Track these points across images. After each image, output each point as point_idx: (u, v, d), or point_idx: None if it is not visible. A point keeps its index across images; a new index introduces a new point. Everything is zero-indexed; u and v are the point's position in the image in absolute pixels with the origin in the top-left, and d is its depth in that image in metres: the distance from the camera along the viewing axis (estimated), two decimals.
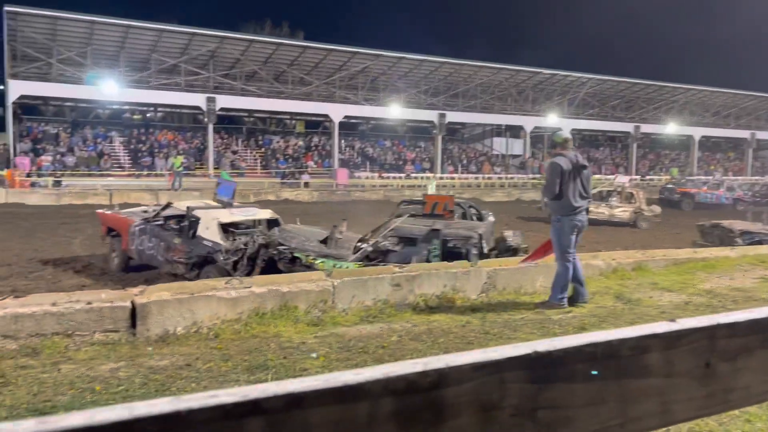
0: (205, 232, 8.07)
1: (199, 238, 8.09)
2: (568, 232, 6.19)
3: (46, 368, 4.23)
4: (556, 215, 6.30)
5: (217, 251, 7.73)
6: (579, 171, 6.17)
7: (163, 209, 9.41)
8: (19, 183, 24.06)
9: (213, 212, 8.42)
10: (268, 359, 4.45)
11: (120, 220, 9.89)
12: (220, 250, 7.73)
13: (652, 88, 44.72)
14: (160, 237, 8.66)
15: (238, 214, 8.74)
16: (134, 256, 9.23)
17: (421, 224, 8.62)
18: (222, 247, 7.74)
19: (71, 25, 28.63)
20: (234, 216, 8.60)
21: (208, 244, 7.94)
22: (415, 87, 39.51)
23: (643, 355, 0.86)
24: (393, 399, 0.68)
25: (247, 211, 8.97)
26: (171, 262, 8.27)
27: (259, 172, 34.30)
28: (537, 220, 19.40)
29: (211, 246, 7.86)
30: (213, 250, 7.79)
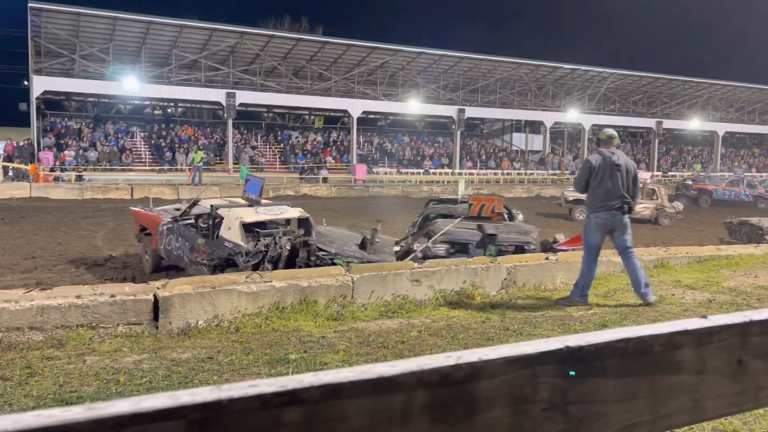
0: (227, 233, 7.66)
1: (221, 238, 7.71)
2: (593, 230, 6.21)
3: (72, 359, 4.31)
4: (587, 210, 6.48)
5: (238, 253, 7.34)
6: (611, 169, 6.08)
7: (190, 207, 9.05)
8: (43, 178, 24.43)
9: (237, 211, 7.99)
10: (288, 353, 4.48)
11: (151, 219, 9.53)
12: (240, 252, 7.32)
13: (675, 83, 44.10)
14: (186, 237, 8.32)
15: (265, 213, 8.23)
16: (163, 255, 8.89)
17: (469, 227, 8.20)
18: (243, 249, 7.33)
19: (94, 21, 28.95)
20: (259, 215, 8.12)
21: (228, 245, 7.54)
22: (434, 82, 39.39)
23: (675, 352, 0.86)
24: (427, 391, 0.69)
25: (275, 210, 8.37)
26: (195, 263, 7.92)
27: (277, 168, 34.47)
28: (557, 216, 19.28)
29: (232, 247, 7.46)
30: (233, 252, 7.40)
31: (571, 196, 19.50)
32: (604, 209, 6.11)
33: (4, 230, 13.41)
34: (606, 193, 6.08)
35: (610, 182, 6.07)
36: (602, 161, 6.13)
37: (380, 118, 43.19)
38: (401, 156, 38.79)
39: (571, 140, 47.19)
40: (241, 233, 7.53)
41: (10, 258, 10.16)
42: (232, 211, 7.96)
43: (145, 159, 32.60)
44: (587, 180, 6.17)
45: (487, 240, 7.76)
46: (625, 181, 6.11)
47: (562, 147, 46.45)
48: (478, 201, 8.99)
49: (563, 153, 45.36)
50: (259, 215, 8.12)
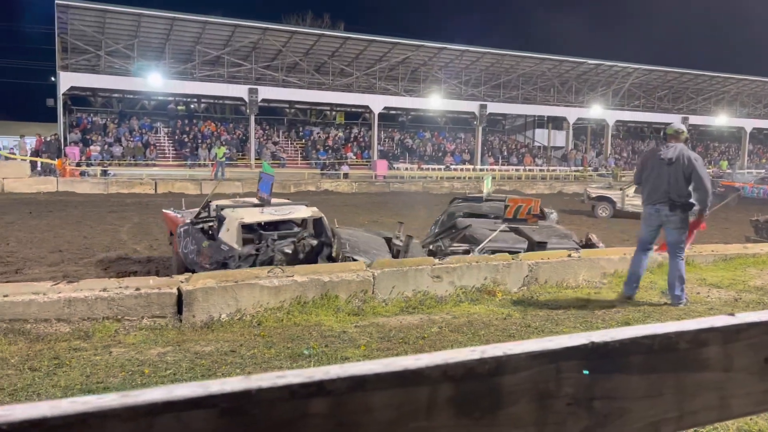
0: (225, 235, 7.23)
1: (219, 240, 7.30)
2: (642, 223, 6.34)
3: (98, 351, 4.39)
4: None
5: (230, 257, 6.90)
6: (659, 164, 6.04)
7: (203, 208, 8.65)
8: (69, 172, 24.84)
9: (240, 212, 7.48)
10: (310, 347, 4.52)
11: (173, 221, 9.20)
12: (232, 256, 6.89)
13: (702, 78, 43.36)
14: (196, 239, 7.97)
15: (271, 213, 7.63)
16: (183, 259, 8.46)
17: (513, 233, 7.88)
18: (235, 253, 6.90)
19: (119, 17, 29.33)
20: (264, 216, 7.57)
21: (224, 248, 7.13)
22: (455, 78, 39.21)
23: (701, 349, 0.85)
24: (452, 385, 0.69)
25: (284, 210, 7.78)
26: (201, 267, 7.40)
27: (299, 163, 34.63)
28: (579, 213, 19.11)
29: (227, 251, 7.06)
30: (227, 256, 6.99)
31: (594, 193, 19.29)
32: (650, 203, 6.18)
33: (32, 224, 13.67)
34: (652, 187, 6.10)
35: (657, 177, 6.05)
36: (652, 156, 6.21)
37: (401, 114, 43.14)
38: (422, 152, 38.72)
39: (594, 136, 46.68)
40: (237, 235, 7.11)
41: (37, 251, 10.36)
42: (235, 212, 7.48)
43: (169, 154, 32.97)
44: (640, 173, 6.31)
45: (537, 248, 7.42)
46: (674, 176, 5.98)
47: (585, 143, 45.96)
48: (514, 203, 8.64)
49: (586, 149, 44.88)
50: (264, 215, 7.58)
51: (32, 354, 4.26)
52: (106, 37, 30.57)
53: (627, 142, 48.61)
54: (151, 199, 20.71)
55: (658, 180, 6.04)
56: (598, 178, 34.49)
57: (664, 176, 6.01)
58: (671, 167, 5.98)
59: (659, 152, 6.11)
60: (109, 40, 30.76)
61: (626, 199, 18.13)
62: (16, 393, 3.58)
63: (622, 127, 49.19)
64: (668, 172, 5.99)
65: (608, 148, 43.12)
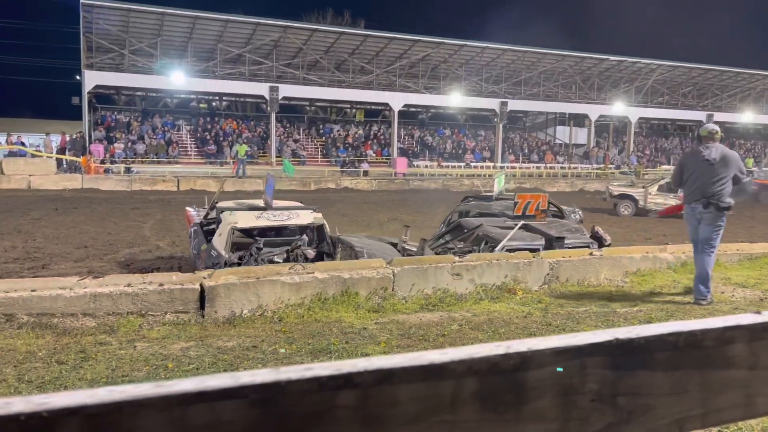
0: (217, 239, 7.06)
1: (211, 245, 7.14)
2: (686, 222, 6.48)
3: (123, 345, 4.46)
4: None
5: (216, 264, 6.65)
6: (701, 164, 6.16)
7: (210, 208, 8.44)
8: (94, 169, 25.22)
9: (236, 216, 7.19)
10: (330, 343, 4.55)
11: (191, 219, 9.16)
12: (218, 263, 6.63)
13: (728, 74, 42.62)
14: (199, 241, 7.89)
15: (267, 218, 7.25)
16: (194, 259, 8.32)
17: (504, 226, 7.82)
18: (222, 260, 6.65)
19: (143, 16, 29.68)
20: (259, 221, 7.19)
21: (213, 254, 6.96)
22: (476, 75, 39.03)
23: (727, 347, 0.85)
24: (476, 379, 0.70)
25: (282, 215, 7.37)
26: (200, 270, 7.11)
27: (319, 161, 34.76)
28: (601, 211, 18.92)
29: (215, 257, 6.88)
30: (214, 262, 6.77)
31: (616, 191, 19.09)
32: (687, 203, 6.39)
33: (58, 220, 13.92)
34: (692, 187, 6.26)
35: (698, 177, 6.19)
36: (693, 157, 6.36)
37: (421, 111, 43.06)
38: (442, 149, 38.62)
39: (616, 134, 46.17)
40: (227, 240, 6.88)
41: (63, 247, 10.54)
42: (232, 216, 7.19)
43: (191, 152, 33.31)
44: (681, 175, 6.43)
45: (556, 244, 7.40)
46: (715, 176, 6.08)
47: (607, 140, 45.47)
48: (523, 199, 8.59)
49: (608, 147, 44.41)
50: (259, 221, 7.20)
51: (59, 347, 4.35)
52: (130, 36, 30.95)
53: (650, 139, 47.98)
54: (174, 196, 20.96)
55: (699, 180, 6.16)
56: (620, 176, 34.12)
57: (705, 176, 6.11)
58: (713, 167, 6.09)
59: (701, 153, 6.19)
60: (133, 38, 31.14)
61: (649, 198, 17.92)
62: (44, 386, 3.66)
63: (645, 125, 48.57)
64: (710, 171, 6.09)
65: (630, 146, 42.62)
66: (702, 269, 6.06)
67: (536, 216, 8.36)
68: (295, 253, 6.77)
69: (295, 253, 6.77)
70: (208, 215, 8.46)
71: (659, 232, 14.28)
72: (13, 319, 4.72)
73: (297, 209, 7.69)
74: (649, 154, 44.40)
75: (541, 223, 8.17)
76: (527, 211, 8.30)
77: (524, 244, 7.34)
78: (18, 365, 3.97)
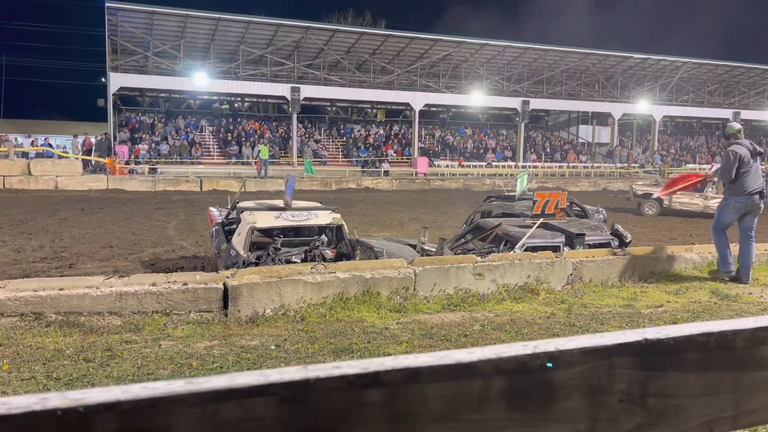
0: (236, 239, 7.08)
1: (230, 245, 7.19)
2: (731, 212, 6.91)
3: (148, 344, 4.52)
4: (726, 195, 7.07)
5: (235, 263, 6.68)
6: (756, 157, 6.85)
7: (231, 208, 8.44)
8: (119, 170, 25.59)
9: (255, 216, 7.20)
10: (353, 343, 4.56)
11: (213, 219, 9.19)
12: (237, 263, 6.68)
13: (755, 71, 41.84)
14: (220, 240, 7.95)
15: (286, 218, 7.24)
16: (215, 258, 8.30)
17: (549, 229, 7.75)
18: (241, 259, 6.69)
19: (166, 19, 30.05)
20: (278, 221, 7.18)
21: (233, 253, 6.98)
22: (497, 74, 38.83)
23: (759, 347, 0.83)
24: (504, 378, 0.70)
25: (302, 215, 7.36)
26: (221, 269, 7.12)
27: (340, 161, 34.86)
28: (625, 211, 18.71)
29: (234, 256, 6.91)
30: (233, 262, 6.83)
31: (641, 191, 18.85)
32: (746, 194, 6.79)
33: (84, 220, 14.15)
34: (752, 180, 6.77)
35: (754, 170, 6.80)
36: (748, 151, 6.81)
37: (442, 111, 42.95)
38: (463, 149, 38.48)
39: (640, 132, 45.58)
40: (246, 240, 6.89)
41: (89, 246, 10.72)
42: (252, 216, 7.21)
43: (213, 152, 33.63)
44: (737, 169, 6.77)
45: (576, 240, 7.42)
46: (760, 168, 6.93)
47: (631, 139, 44.91)
48: (542, 197, 8.51)
49: (632, 145, 43.86)
50: (278, 221, 7.19)
51: (86, 345, 4.42)
52: (154, 38, 31.35)
53: (675, 138, 47.28)
54: (197, 197, 21.18)
55: (757, 173, 6.82)
56: (645, 175, 33.69)
57: (759, 169, 6.88)
58: (758, 160, 6.87)
59: (752, 147, 6.86)
60: (157, 41, 31.55)
61: (673, 197, 17.66)
62: (71, 383, 3.72)
63: (670, 123, 47.89)
64: (759, 164, 6.88)
65: (655, 144, 42.05)
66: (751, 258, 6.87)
67: (555, 214, 8.30)
68: (313, 253, 6.81)
69: (313, 253, 6.81)
70: (229, 215, 8.51)
71: (685, 231, 14.07)
72: (42, 318, 4.81)
73: (316, 209, 7.68)
74: (673, 153, 43.76)
75: (561, 221, 8.11)
76: (546, 209, 8.24)
77: (544, 241, 7.29)
78: (47, 363, 4.04)
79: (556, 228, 7.74)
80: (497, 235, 7.75)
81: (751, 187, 6.75)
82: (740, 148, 6.81)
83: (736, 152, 6.78)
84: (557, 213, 8.38)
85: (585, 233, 7.58)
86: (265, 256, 6.70)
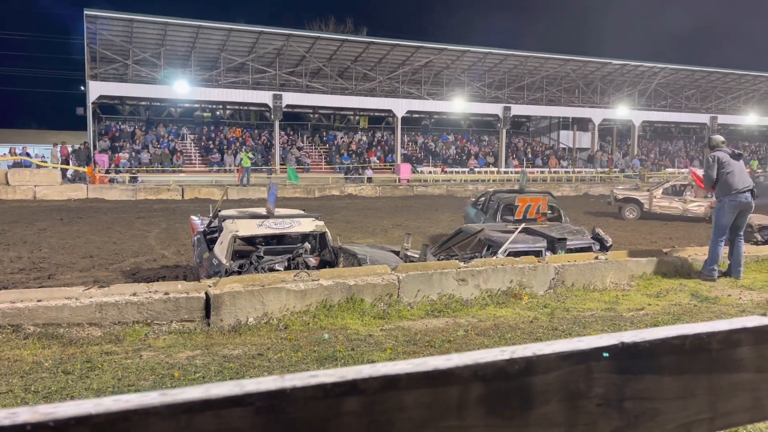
0: (218, 247, 7.03)
1: (213, 253, 7.12)
2: (727, 212, 7.13)
3: (129, 354, 4.47)
4: (718, 197, 7.32)
5: (217, 272, 6.63)
6: (736, 158, 7.23)
7: (213, 217, 8.43)
8: (98, 179, 25.30)
9: (238, 224, 7.14)
10: (336, 350, 4.54)
11: (194, 228, 9.13)
12: (219, 271, 6.62)
13: (731, 77, 42.55)
14: (202, 249, 7.90)
15: (268, 227, 7.22)
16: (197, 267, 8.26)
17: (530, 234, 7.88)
18: (223, 268, 6.63)
19: (146, 26, 29.84)
20: (260, 229, 7.17)
21: (214, 262, 6.93)
22: (479, 80, 39.09)
23: (734, 350, 0.84)
24: (482, 384, 0.70)
25: (284, 223, 7.34)
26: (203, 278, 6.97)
27: (323, 168, 34.81)
28: (606, 215, 18.88)
29: (216, 265, 6.85)
30: (215, 270, 6.76)
31: (621, 195, 19.05)
32: (737, 191, 7.06)
33: (63, 230, 13.96)
34: (738, 178, 7.09)
35: (738, 169, 7.15)
36: (728, 154, 7.22)
37: (425, 118, 43.12)
38: (446, 155, 38.64)
39: (620, 137, 46.11)
40: (228, 249, 6.84)
41: (69, 257, 10.57)
42: (234, 224, 7.14)
43: (195, 160, 33.41)
44: (719, 170, 7.14)
45: (558, 245, 7.48)
46: (744, 167, 7.32)
47: (611, 144, 45.41)
48: (523, 202, 8.61)
49: (612, 150, 44.35)
50: (260, 229, 7.18)
51: (65, 357, 4.35)
52: (134, 46, 31.12)
53: (654, 142, 47.89)
54: (178, 205, 21.00)
55: (742, 173, 7.18)
56: (625, 180, 34.05)
57: (744, 170, 7.25)
58: (741, 162, 7.27)
59: (732, 151, 7.31)
60: (137, 49, 31.31)
61: (654, 201, 17.87)
62: (50, 396, 3.66)
63: (649, 128, 48.50)
64: (741, 164, 7.25)
65: (635, 149, 42.55)
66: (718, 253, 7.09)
67: (537, 219, 8.37)
68: (297, 261, 6.78)
69: (296, 261, 6.78)
70: (211, 223, 8.47)
71: (665, 235, 14.23)
72: (20, 330, 4.73)
73: (299, 217, 7.65)
74: (653, 158, 44.31)
75: (542, 226, 8.18)
76: (528, 214, 8.32)
77: (526, 246, 7.36)
78: (24, 375, 3.97)
79: (538, 233, 7.81)
80: (479, 240, 7.79)
81: (741, 184, 7.06)
82: (720, 152, 7.22)
83: (715, 155, 7.20)
84: (539, 218, 8.46)
85: (566, 238, 7.66)
86: (248, 264, 6.67)
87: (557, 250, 7.39)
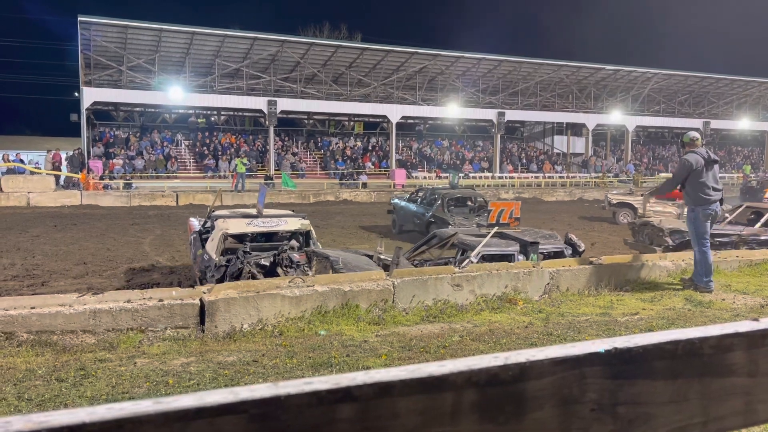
0: (210, 244, 7.39)
1: (204, 250, 7.46)
2: (702, 221, 6.83)
3: (123, 362, 4.44)
4: (690, 206, 6.96)
5: (207, 267, 7.01)
6: (711, 165, 6.81)
7: (207, 217, 8.82)
8: (93, 185, 25.22)
9: (228, 222, 7.59)
10: (331, 357, 4.53)
11: (191, 230, 9.50)
12: (209, 266, 6.97)
13: (723, 82, 42.83)
14: (196, 247, 8.29)
15: (257, 225, 7.67)
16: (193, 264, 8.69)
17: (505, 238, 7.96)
18: (213, 263, 6.95)
19: (140, 33, 29.83)
20: (249, 227, 7.62)
21: (206, 258, 7.25)
22: (473, 86, 39.22)
23: (726, 354, 0.85)
24: (476, 390, 0.70)
25: (272, 222, 7.80)
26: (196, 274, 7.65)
27: (318, 174, 34.81)
28: (600, 219, 18.93)
29: (207, 260, 7.17)
30: (206, 266, 7.10)
31: (615, 200, 19.11)
32: (712, 201, 6.79)
33: (57, 237, 13.90)
34: (712, 187, 6.78)
35: (711, 177, 6.81)
36: (702, 159, 6.78)
37: (419, 123, 43.21)
38: (440, 160, 38.71)
39: (614, 142, 46.33)
40: (218, 246, 7.19)
41: (62, 264, 10.53)
42: (225, 222, 7.58)
43: (190, 166, 33.36)
44: (685, 178, 6.83)
45: (530, 249, 7.54)
46: (718, 175, 6.94)
47: (605, 149, 45.61)
48: (496, 207, 8.74)
49: (606, 155, 44.53)
50: (249, 227, 7.63)
51: (59, 365, 4.33)
52: (128, 52, 31.09)
53: (648, 147, 48.13)
54: (173, 211, 20.95)
55: (716, 180, 6.85)
56: (619, 185, 34.17)
57: (717, 176, 6.88)
58: (716, 167, 6.88)
59: (707, 155, 6.82)
60: (131, 55, 31.28)
61: (648, 206, 17.94)
62: (44, 404, 3.64)
63: (643, 133, 48.75)
64: (715, 171, 6.87)
65: (628, 154, 42.73)
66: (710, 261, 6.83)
67: (510, 224, 8.46)
68: (282, 257, 7.03)
69: (281, 256, 7.03)
70: (205, 223, 8.77)
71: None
72: (13, 337, 4.71)
73: (286, 216, 8.10)
74: (646, 162, 44.52)
75: (515, 230, 8.25)
76: (501, 218, 8.43)
77: (499, 250, 7.47)
78: (18, 383, 3.95)
79: (511, 237, 7.88)
80: (453, 244, 7.88)
81: (712, 195, 6.77)
82: (693, 157, 6.81)
83: (690, 162, 6.79)
84: (512, 222, 8.54)
85: (539, 242, 7.75)
86: (235, 259, 6.90)
87: (530, 254, 7.48)
